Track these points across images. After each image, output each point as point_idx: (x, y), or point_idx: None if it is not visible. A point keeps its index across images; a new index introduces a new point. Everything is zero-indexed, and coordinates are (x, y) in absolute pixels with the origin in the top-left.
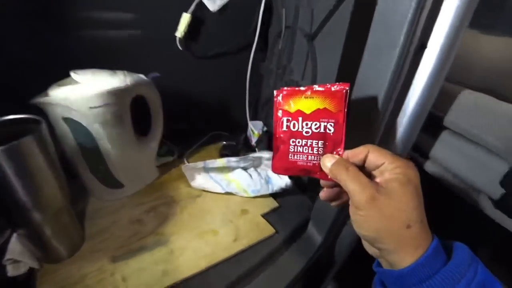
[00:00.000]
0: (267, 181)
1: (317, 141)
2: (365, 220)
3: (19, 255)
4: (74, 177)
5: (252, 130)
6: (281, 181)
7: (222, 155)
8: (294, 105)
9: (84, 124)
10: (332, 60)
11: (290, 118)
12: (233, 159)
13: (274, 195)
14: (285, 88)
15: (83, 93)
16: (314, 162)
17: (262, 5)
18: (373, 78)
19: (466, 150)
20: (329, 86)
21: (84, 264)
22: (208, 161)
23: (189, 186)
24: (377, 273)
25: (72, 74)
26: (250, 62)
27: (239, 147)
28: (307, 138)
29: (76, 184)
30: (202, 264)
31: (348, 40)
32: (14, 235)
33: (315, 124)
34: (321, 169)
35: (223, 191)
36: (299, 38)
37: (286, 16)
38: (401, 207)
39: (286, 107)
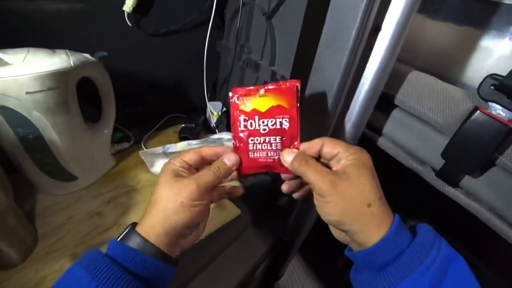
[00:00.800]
0: None
1: (274, 137)
2: (329, 205)
3: None
4: (16, 171)
5: (211, 111)
6: None
7: (181, 138)
8: (250, 104)
9: (23, 113)
10: (291, 40)
11: (247, 118)
12: (193, 142)
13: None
14: (239, 88)
15: (16, 76)
16: (274, 158)
17: None
18: (331, 59)
19: (414, 126)
20: (281, 83)
21: (40, 267)
22: (167, 146)
23: (149, 172)
24: (351, 259)
25: (0, 54)
26: (207, 40)
27: (198, 129)
28: (265, 135)
29: (20, 179)
30: None
31: (306, 20)
32: None
33: (271, 121)
34: (281, 164)
35: None
36: (257, 15)
37: None
38: (360, 189)
39: (242, 107)
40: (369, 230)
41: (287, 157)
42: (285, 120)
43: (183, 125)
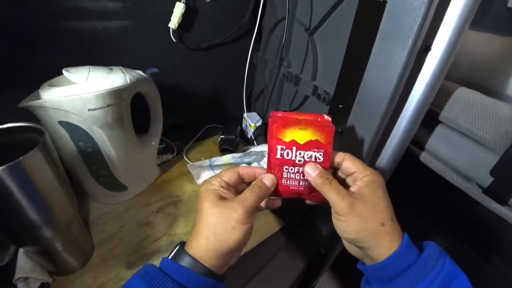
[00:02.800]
0: None
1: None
2: (347, 224)
3: (30, 272)
4: (72, 179)
5: (249, 123)
6: None
7: (222, 150)
8: (289, 135)
9: (84, 128)
10: (335, 56)
11: (284, 147)
12: (237, 155)
13: None
14: (279, 113)
15: (80, 95)
16: (305, 186)
17: None
18: (379, 78)
19: (459, 142)
20: (316, 116)
21: (99, 274)
22: (213, 159)
23: (192, 183)
24: (362, 272)
25: (65, 72)
26: (249, 52)
27: (237, 140)
28: (300, 165)
29: (74, 186)
30: None
31: (353, 37)
32: (21, 251)
33: (308, 154)
34: (310, 193)
35: None
36: (298, 30)
37: (283, 6)
38: (375, 210)
39: (280, 137)
40: (382, 247)
41: (311, 171)
42: (320, 154)
43: (223, 136)
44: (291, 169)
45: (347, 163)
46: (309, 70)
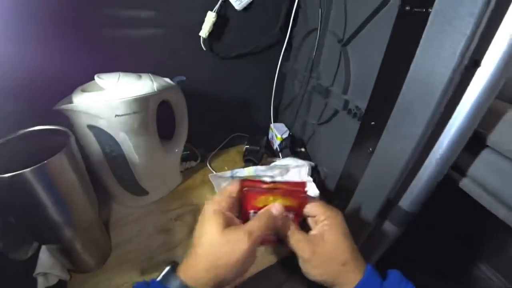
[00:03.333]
0: None
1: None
2: (311, 269)
3: (49, 268)
4: (96, 180)
5: (275, 134)
6: (310, 191)
7: (246, 160)
8: (262, 202)
9: (110, 132)
10: (369, 69)
11: (257, 211)
12: (260, 168)
13: None
14: (250, 181)
15: (109, 101)
16: (276, 237)
17: (295, 4)
18: (419, 95)
19: (509, 170)
20: (290, 184)
21: (113, 276)
22: (235, 170)
23: (213, 193)
24: None
25: (96, 78)
26: (279, 62)
27: (261, 151)
28: None
29: (98, 188)
30: None
31: (389, 50)
32: (43, 248)
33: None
34: (278, 241)
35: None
36: (330, 41)
37: (315, 16)
38: (336, 252)
39: (253, 203)
40: (346, 283)
41: (277, 213)
42: (291, 214)
43: (247, 146)
44: None
45: (308, 207)
46: (340, 83)
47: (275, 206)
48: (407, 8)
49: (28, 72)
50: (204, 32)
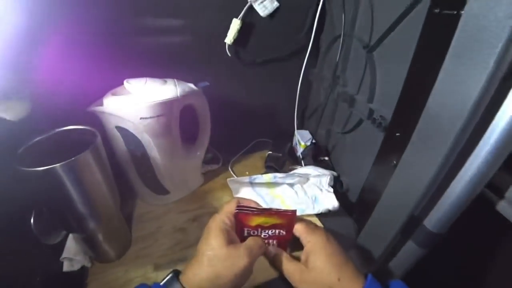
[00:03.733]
0: (314, 200)
1: (272, 240)
2: None
3: (74, 254)
4: (124, 178)
5: (299, 141)
6: (328, 202)
7: (268, 167)
8: (255, 221)
9: (135, 134)
10: (396, 76)
11: (250, 229)
12: (279, 175)
13: (318, 215)
14: (245, 208)
15: (134, 104)
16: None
17: (319, 10)
18: (449, 105)
19: None
20: (282, 211)
21: (130, 268)
22: (254, 176)
23: (232, 197)
24: None
25: (125, 83)
26: (303, 69)
27: (284, 158)
28: (265, 239)
29: (124, 184)
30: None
31: (417, 57)
32: (70, 235)
33: (272, 231)
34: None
35: (266, 207)
36: (356, 47)
37: (341, 22)
38: (320, 276)
39: (247, 222)
40: None
41: (270, 253)
42: (283, 231)
43: (270, 152)
44: None
45: (294, 227)
46: (366, 91)
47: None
48: (436, 10)
49: (66, 77)
50: (229, 39)
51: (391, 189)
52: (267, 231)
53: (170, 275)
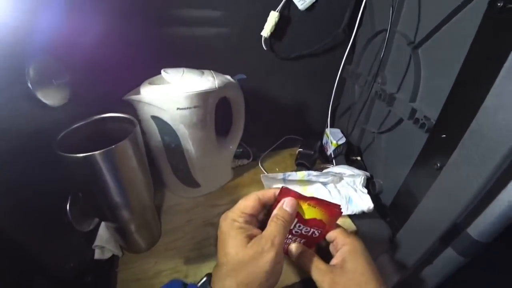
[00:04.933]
0: (348, 201)
1: (300, 239)
2: None
3: (106, 242)
4: (153, 168)
5: (331, 140)
6: (363, 203)
7: (298, 164)
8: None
9: (171, 124)
10: (444, 76)
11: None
12: (313, 173)
13: (352, 216)
14: (292, 190)
15: (172, 94)
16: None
17: (363, 3)
18: (509, 107)
19: None
20: (326, 201)
21: (159, 260)
22: (288, 173)
23: None
24: None
25: (162, 72)
26: (341, 65)
27: (315, 156)
28: (295, 235)
29: (154, 175)
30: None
31: (472, 54)
32: (103, 224)
33: (306, 229)
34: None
35: None
36: (399, 43)
37: (385, 16)
38: (359, 280)
39: None
40: None
41: (294, 250)
42: (318, 231)
43: (301, 149)
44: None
45: (330, 235)
46: (408, 90)
47: (286, 202)
48: (499, 4)
49: (104, 65)
50: (266, 31)
51: (434, 193)
52: (301, 227)
53: (204, 279)
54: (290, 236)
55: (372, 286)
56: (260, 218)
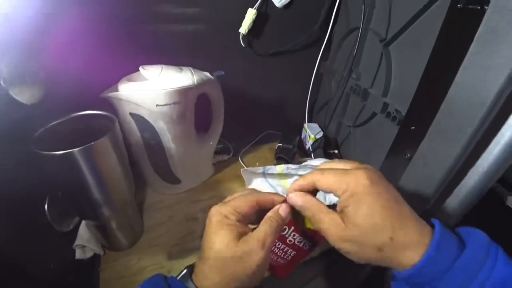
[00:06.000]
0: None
1: (291, 251)
2: (348, 254)
3: (87, 241)
4: (135, 166)
5: (309, 134)
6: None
7: (278, 158)
8: (293, 214)
9: (150, 121)
10: (413, 71)
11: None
12: (292, 166)
13: (331, 207)
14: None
15: (150, 91)
16: (278, 263)
17: (337, 1)
18: (468, 99)
19: None
20: None
21: (142, 257)
22: (267, 167)
23: (243, 187)
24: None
25: (141, 69)
26: (317, 61)
27: (294, 150)
28: (287, 245)
29: (135, 172)
30: None
31: (436, 51)
32: (83, 222)
33: (299, 239)
34: (280, 270)
35: None
36: (371, 40)
37: (358, 14)
38: (366, 234)
39: None
40: (398, 262)
41: (297, 199)
42: (309, 244)
43: (280, 144)
44: (279, 245)
45: (321, 186)
46: (380, 85)
47: (283, 207)
48: (459, 5)
49: (80, 62)
50: (243, 28)
51: (405, 182)
52: (296, 236)
53: (184, 271)
54: (283, 245)
55: (384, 232)
56: (251, 218)
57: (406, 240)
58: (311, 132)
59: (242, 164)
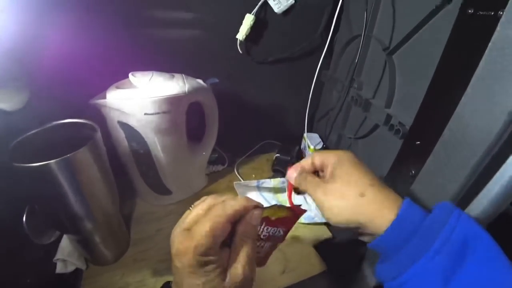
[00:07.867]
0: None
1: (268, 243)
2: (330, 210)
3: (68, 255)
4: (124, 175)
5: (308, 144)
6: None
7: (275, 170)
8: (265, 212)
9: (139, 130)
10: (419, 81)
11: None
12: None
13: (328, 224)
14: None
15: (139, 99)
16: (258, 256)
17: (337, 8)
18: (482, 114)
19: None
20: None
21: (127, 272)
22: (262, 180)
23: None
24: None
25: (130, 76)
26: (317, 69)
27: (292, 162)
28: (263, 240)
29: (125, 182)
30: None
31: (445, 60)
32: (64, 236)
33: (273, 229)
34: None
35: None
36: (374, 48)
37: (361, 22)
38: (347, 184)
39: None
40: (374, 220)
41: (293, 173)
42: (282, 230)
43: (278, 155)
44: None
45: (316, 161)
46: (383, 96)
47: (255, 215)
48: (469, 11)
49: (67, 68)
50: (241, 34)
51: None
52: (269, 229)
53: None
54: (258, 242)
55: (361, 184)
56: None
57: (385, 193)
58: (310, 143)
59: (237, 175)
